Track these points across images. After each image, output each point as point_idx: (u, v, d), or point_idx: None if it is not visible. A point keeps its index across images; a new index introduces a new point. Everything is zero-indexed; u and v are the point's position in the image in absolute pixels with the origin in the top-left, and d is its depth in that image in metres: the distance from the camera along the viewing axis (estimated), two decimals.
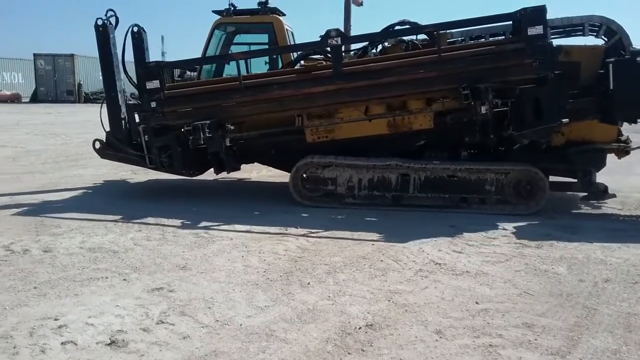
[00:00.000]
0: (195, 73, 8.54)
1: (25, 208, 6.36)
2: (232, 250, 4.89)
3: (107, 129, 7.03)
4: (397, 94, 6.38)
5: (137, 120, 6.83)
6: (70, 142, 12.93)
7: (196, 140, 6.40)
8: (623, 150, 6.54)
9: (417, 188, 6.41)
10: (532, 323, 3.44)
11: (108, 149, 7.08)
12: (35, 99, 34.00)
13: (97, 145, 7.10)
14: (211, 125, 6.36)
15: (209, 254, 4.76)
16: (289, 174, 6.69)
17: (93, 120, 7.05)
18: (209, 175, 7.43)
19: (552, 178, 6.55)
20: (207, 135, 6.35)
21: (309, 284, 4.09)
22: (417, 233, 5.38)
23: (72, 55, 34.53)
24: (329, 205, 6.51)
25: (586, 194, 6.51)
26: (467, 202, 6.37)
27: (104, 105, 7.02)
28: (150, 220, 5.84)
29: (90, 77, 36.40)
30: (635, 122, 6.31)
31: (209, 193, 7.69)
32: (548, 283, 4.14)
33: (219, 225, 5.68)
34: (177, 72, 10.30)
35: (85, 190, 7.62)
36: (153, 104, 6.55)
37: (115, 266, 4.42)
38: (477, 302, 3.76)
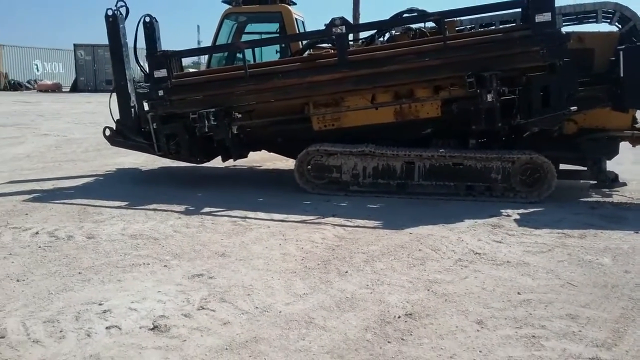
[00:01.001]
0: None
1: (68, 195, 6.52)
2: (270, 238, 4.92)
3: (117, 117, 7.16)
4: (402, 82, 6.32)
5: (146, 108, 6.94)
6: None
7: (202, 128, 6.46)
8: (637, 137, 6.37)
9: (422, 176, 6.34)
10: (576, 314, 3.37)
11: (117, 137, 7.24)
12: (75, 88, 34.80)
13: (107, 132, 7.25)
14: (217, 113, 6.42)
15: (247, 242, 4.80)
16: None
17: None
18: (240, 163, 7.50)
19: (562, 166, 6.47)
20: (213, 123, 6.40)
21: (346, 272, 4.09)
22: (455, 222, 5.32)
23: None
24: (334, 192, 6.49)
25: (596, 182, 6.40)
26: (473, 191, 6.28)
27: (114, 94, 7.14)
28: (189, 207, 5.91)
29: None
30: None
31: (240, 181, 7.74)
32: (592, 274, 4.04)
33: (256, 213, 5.71)
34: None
35: (125, 178, 7.77)
36: (160, 93, 6.63)
37: (156, 253, 4.49)
38: (519, 293, 3.69)
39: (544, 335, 3.10)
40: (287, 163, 8.22)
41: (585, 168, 6.46)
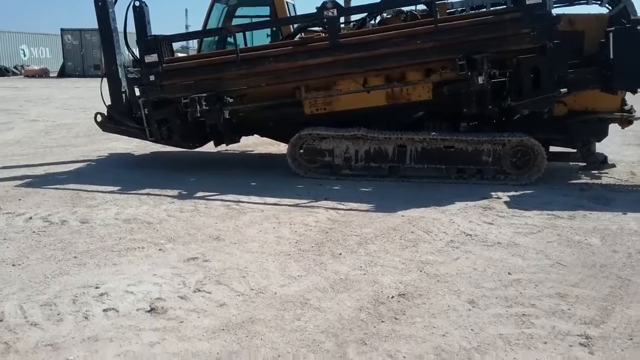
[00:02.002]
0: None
1: (61, 180, 6.50)
2: (264, 221, 4.95)
3: (108, 102, 7.14)
4: (393, 65, 6.32)
5: (137, 93, 6.91)
6: None
7: (194, 113, 6.45)
8: (626, 120, 6.43)
9: (414, 159, 6.39)
10: (565, 293, 3.44)
11: (109, 122, 7.21)
12: (62, 73, 34.39)
13: (99, 118, 7.22)
14: (208, 98, 6.41)
15: (241, 225, 4.84)
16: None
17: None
18: (232, 147, 7.50)
19: (552, 148, 6.56)
20: (205, 108, 6.39)
21: (340, 254, 4.14)
22: (446, 204, 5.38)
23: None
24: (326, 176, 6.53)
25: (585, 164, 6.49)
26: (465, 173, 6.34)
27: (105, 79, 7.10)
28: (182, 192, 5.93)
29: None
30: (636, 92, 6.22)
31: (233, 165, 7.75)
32: (581, 254, 4.12)
33: (249, 197, 5.74)
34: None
35: (117, 163, 7.75)
36: (152, 78, 6.60)
37: (151, 237, 4.52)
38: (509, 273, 3.76)
39: (533, 314, 3.17)
40: (279, 147, 8.24)
41: (575, 150, 6.53)
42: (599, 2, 6.91)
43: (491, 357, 2.74)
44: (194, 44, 10.44)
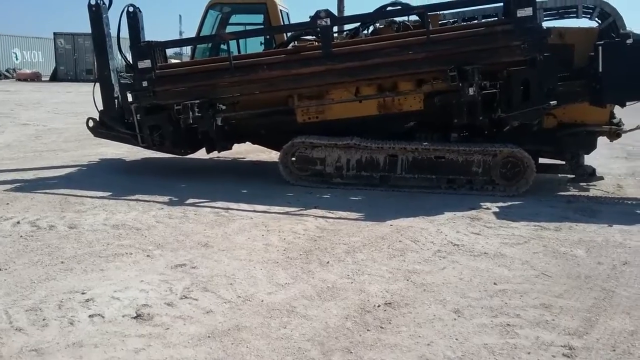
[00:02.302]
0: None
1: (49, 185, 6.48)
2: (252, 229, 4.96)
3: (100, 108, 7.12)
4: (385, 75, 6.37)
5: (130, 99, 6.90)
6: None
7: (186, 120, 6.45)
8: (615, 132, 6.50)
9: (405, 169, 6.42)
10: (550, 304, 3.47)
11: (101, 128, 7.20)
12: (55, 77, 34.28)
13: (91, 124, 7.20)
14: (201, 105, 6.42)
15: (229, 232, 4.84)
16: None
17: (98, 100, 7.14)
18: (223, 154, 7.51)
19: (541, 160, 6.60)
20: (197, 114, 6.40)
21: (328, 262, 4.16)
22: (435, 214, 5.41)
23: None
24: (318, 185, 6.55)
25: (574, 176, 6.55)
26: (454, 183, 6.37)
27: (97, 85, 7.09)
28: (171, 198, 5.92)
29: None
30: (624, 105, 6.29)
31: (224, 173, 7.76)
32: (566, 265, 4.16)
33: (239, 204, 5.75)
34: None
35: (107, 169, 7.74)
36: (144, 83, 6.61)
37: (139, 243, 4.51)
38: (495, 283, 3.79)
39: (518, 324, 3.20)
40: (270, 155, 8.26)
41: (564, 162, 6.58)
42: (588, 16, 7.00)
43: None
44: (187, 50, 10.40)
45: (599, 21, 6.83)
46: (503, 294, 3.61)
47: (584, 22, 7.32)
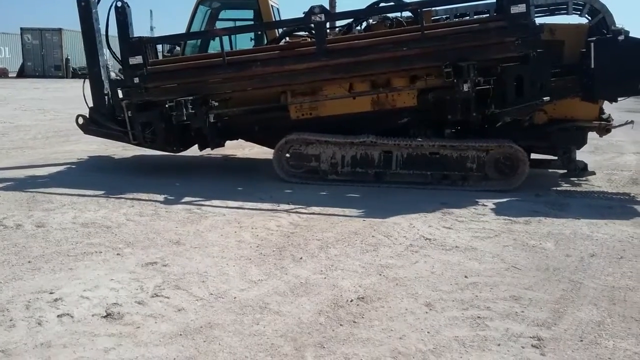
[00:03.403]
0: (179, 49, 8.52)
1: (17, 183, 6.35)
2: (225, 226, 4.93)
3: (90, 104, 7.01)
4: (379, 71, 6.38)
5: (120, 95, 6.80)
6: (59, 117, 12.80)
7: (179, 117, 6.38)
8: (604, 128, 6.59)
9: (400, 165, 6.45)
10: (520, 296, 3.53)
11: (91, 125, 7.08)
12: (22, 73, 33.55)
13: (81, 121, 7.08)
14: (194, 102, 6.35)
15: (202, 230, 4.80)
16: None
17: (82, 96, 7.02)
18: (194, 151, 7.46)
19: (533, 155, 6.65)
20: (190, 111, 6.34)
21: (301, 258, 4.16)
22: (408, 209, 5.45)
23: (59, 30, 34.03)
24: (313, 181, 6.54)
25: (566, 171, 6.62)
26: (449, 179, 6.42)
27: (87, 81, 7.00)
28: (142, 196, 5.85)
29: (78, 52, 35.84)
30: (616, 101, 6.39)
31: (198, 169, 7.70)
32: (535, 258, 4.23)
33: (211, 201, 5.71)
34: (165, 47, 10.25)
35: (76, 166, 7.60)
36: (136, 80, 6.52)
37: (109, 241, 4.45)
38: (466, 276, 3.84)
39: (488, 316, 3.25)
40: (243, 151, 8.22)
41: (556, 157, 6.63)
42: (578, 12, 7.08)
43: (446, 359, 2.79)
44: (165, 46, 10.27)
45: (589, 18, 6.91)
46: (474, 287, 3.66)
47: (574, 19, 7.38)
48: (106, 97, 6.95)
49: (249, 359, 2.78)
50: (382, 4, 6.73)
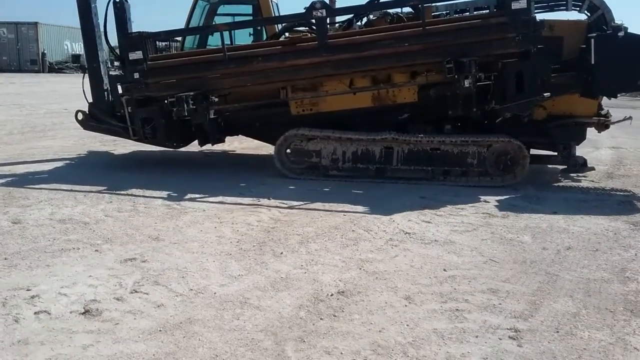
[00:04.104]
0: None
1: None
2: (205, 221, 4.91)
3: (90, 100, 6.97)
4: (381, 67, 6.37)
5: (120, 91, 6.76)
6: (35, 112, 12.59)
7: (180, 112, 6.35)
8: (603, 124, 6.61)
9: (401, 161, 6.46)
10: (497, 289, 3.58)
11: (91, 120, 7.04)
12: None
13: (80, 116, 7.03)
14: (195, 97, 6.32)
15: (181, 225, 4.78)
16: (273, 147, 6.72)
17: (59, 91, 6.99)
18: (194, 147, 7.42)
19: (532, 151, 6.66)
20: (191, 107, 6.31)
21: (282, 253, 4.16)
22: (387, 204, 5.49)
23: (35, 24, 33.42)
24: (314, 177, 6.55)
25: (566, 166, 6.66)
26: (449, 175, 6.43)
27: (87, 76, 6.95)
28: (121, 191, 5.80)
29: (55, 46, 35.41)
30: (616, 97, 6.43)
31: (178, 165, 7.64)
32: (513, 251, 4.29)
33: (191, 196, 5.68)
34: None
35: (53, 162, 7.48)
36: (136, 75, 6.49)
37: (87, 237, 4.40)
38: (444, 270, 3.88)
39: (466, 309, 3.29)
40: (222, 146, 8.15)
41: (555, 153, 6.67)
42: (578, 9, 7.13)
43: (425, 352, 2.82)
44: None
45: (588, 14, 6.96)
46: (452, 280, 3.70)
47: (574, 15, 7.39)
48: (105, 92, 6.91)
49: (229, 354, 2.78)
50: (382, 0, 6.71)
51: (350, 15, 7.11)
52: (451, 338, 2.95)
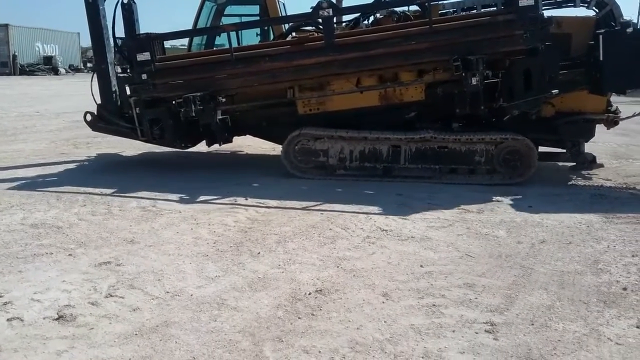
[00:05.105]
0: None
1: None
2: (181, 222, 4.87)
3: (99, 101, 6.94)
4: (388, 65, 6.35)
5: (128, 92, 6.74)
6: (7, 115, 12.36)
7: (187, 113, 6.34)
8: (612, 120, 6.65)
9: (408, 159, 6.46)
10: (473, 283, 3.61)
11: (99, 122, 7.01)
12: None
13: (89, 117, 7.00)
14: (203, 98, 6.31)
15: (157, 227, 4.73)
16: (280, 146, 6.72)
17: (30, 93, 6.87)
18: (150, 147, 7.35)
19: (541, 148, 6.69)
20: (199, 107, 6.30)
21: (259, 253, 4.14)
22: (365, 202, 5.50)
23: (6, 26, 32.88)
24: (321, 176, 6.54)
25: (574, 163, 6.71)
26: (456, 173, 6.45)
27: (95, 78, 6.93)
28: (96, 195, 5.72)
29: (26, 48, 34.82)
30: (624, 93, 6.47)
31: (154, 166, 7.56)
32: (488, 245, 4.34)
33: (167, 198, 5.63)
34: None
35: (25, 166, 7.35)
36: (144, 76, 6.46)
37: (60, 242, 4.33)
38: (421, 266, 3.90)
39: (443, 304, 3.31)
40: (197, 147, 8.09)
41: (564, 150, 6.70)
42: (586, 5, 7.17)
43: (403, 347, 2.84)
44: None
45: (596, 10, 7.00)
46: (429, 276, 3.73)
47: (582, 11, 7.43)
48: (114, 93, 6.88)
49: (207, 356, 2.76)
50: None
51: (357, 14, 7.12)
52: (428, 333, 2.97)
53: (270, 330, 3.00)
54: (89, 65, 51.89)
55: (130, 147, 8.11)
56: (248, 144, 8.53)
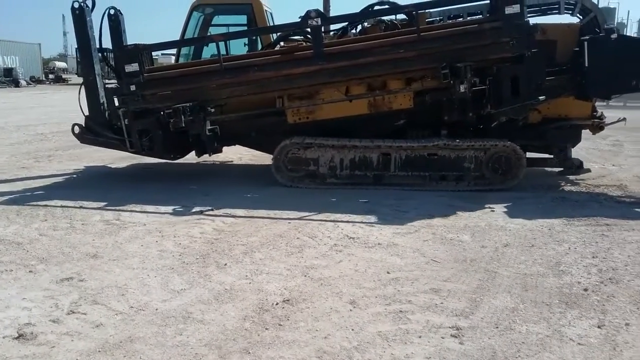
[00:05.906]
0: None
1: None
2: (146, 235, 4.80)
3: (86, 113, 6.85)
4: (377, 74, 6.39)
5: (117, 103, 6.65)
6: None
7: (177, 123, 6.29)
8: (597, 126, 6.78)
9: (398, 167, 6.49)
10: (439, 288, 3.65)
11: (87, 134, 6.92)
12: None
13: (77, 129, 6.89)
14: (192, 108, 6.28)
15: (120, 241, 4.65)
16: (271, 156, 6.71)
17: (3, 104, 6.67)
18: (117, 158, 7.23)
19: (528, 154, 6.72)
20: (188, 118, 6.26)
21: (225, 264, 4.11)
22: (332, 210, 5.51)
23: None
24: (311, 185, 6.53)
25: (562, 169, 6.80)
26: (446, 180, 6.48)
27: (83, 89, 6.84)
28: (57, 209, 5.59)
29: None
30: (610, 99, 6.60)
31: (119, 178, 7.45)
32: (453, 250, 4.39)
33: (132, 210, 5.54)
34: None
35: None
36: (132, 87, 6.41)
37: (20, 258, 4.22)
38: (388, 272, 3.93)
39: (410, 310, 3.34)
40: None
41: (552, 156, 6.78)
42: (570, 12, 7.27)
43: (370, 355, 2.84)
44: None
45: (581, 17, 7.09)
46: (396, 282, 3.75)
47: (566, 18, 7.56)
48: (102, 105, 6.79)
49: None
50: (377, 7, 6.75)
51: (345, 24, 7.15)
52: (395, 340, 2.99)
53: (237, 342, 2.98)
54: (50, 77, 50.94)
55: (96, 160, 7.95)
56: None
